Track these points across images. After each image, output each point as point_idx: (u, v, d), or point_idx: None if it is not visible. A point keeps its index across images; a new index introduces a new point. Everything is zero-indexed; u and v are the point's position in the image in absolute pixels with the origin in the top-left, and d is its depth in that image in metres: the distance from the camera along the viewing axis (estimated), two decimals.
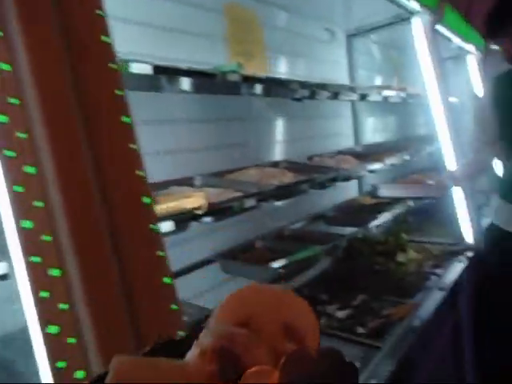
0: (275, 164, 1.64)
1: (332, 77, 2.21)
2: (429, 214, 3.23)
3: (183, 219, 0.87)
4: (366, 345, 1.39)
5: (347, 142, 2.50)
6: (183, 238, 1.47)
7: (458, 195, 2.24)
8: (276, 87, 1.27)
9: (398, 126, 3.26)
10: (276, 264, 1.35)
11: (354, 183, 2.53)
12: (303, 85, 1.35)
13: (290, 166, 1.53)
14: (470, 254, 2.08)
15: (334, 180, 1.47)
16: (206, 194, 0.94)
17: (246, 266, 1.37)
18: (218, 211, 0.98)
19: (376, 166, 1.78)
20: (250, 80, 1.11)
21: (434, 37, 2.10)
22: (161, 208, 0.88)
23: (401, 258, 2.14)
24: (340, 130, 2.45)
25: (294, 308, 0.41)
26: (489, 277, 1.78)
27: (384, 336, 1.43)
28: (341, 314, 1.69)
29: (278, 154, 1.91)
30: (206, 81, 0.97)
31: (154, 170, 1.41)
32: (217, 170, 1.46)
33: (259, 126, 1.80)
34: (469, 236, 2.19)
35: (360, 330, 1.55)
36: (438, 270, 1.98)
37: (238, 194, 1.10)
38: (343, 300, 1.79)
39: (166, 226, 0.81)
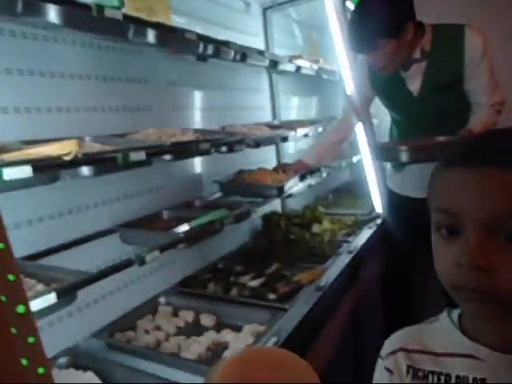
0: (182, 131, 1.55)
1: None
2: (348, 189, 3.38)
3: (46, 166, 0.75)
4: (274, 308, 1.38)
5: (266, 117, 2.48)
6: (85, 205, 1.34)
7: (368, 168, 2.33)
8: (169, 36, 1.17)
9: (320, 106, 3.33)
10: (178, 229, 1.27)
11: (271, 156, 2.51)
12: (202, 37, 1.27)
13: (197, 131, 1.45)
14: (378, 221, 2.17)
15: (241, 143, 1.42)
16: (81, 143, 0.83)
17: (145, 234, 1.27)
18: (96, 161, 0.88)
19: (288, 133, 1.77)
20: (136, 22, 1.00)
21: (344, 14, 2.13)
22: (18, 154, 0.75)
23: (316, 228, 2.18)
24: (258, 104, 2.42)
25: (295, 370, 0.43)
26: (391, 237, 1.88)
27: (292, 299, 1.43)
28: (254, 283, 1.67)
29: (189, 122, 1.82)
30: (79, 13, 0.86)
31: (45, 127, 1.27)
32: (114, 133, 1.34)
33: (167, 91, 1.69)
34: (379, 205, 2.29)
35: (271, 296, 1.54)
36: (349, 238, 2.05)
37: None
38: (257, 270, 1.77)
39: (22, 172, 0.69)
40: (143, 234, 1.28)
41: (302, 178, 1.99)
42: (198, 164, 1.93)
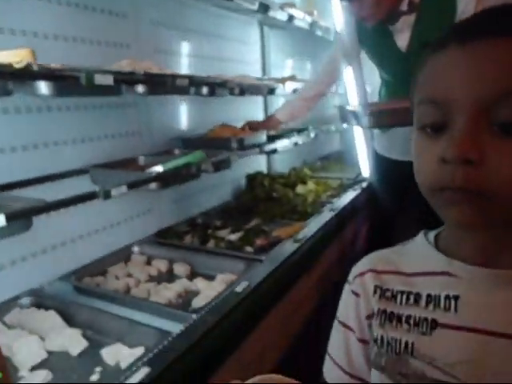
0: None
1: None
2: (337, 157, 3.33)
3: None
4: (250, 259, 1.34)
5: (255, 73, 2.38)
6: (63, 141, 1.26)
7: (356, 132, 2.27)
8: None
9: (314, 69, 3.21)
10: (150, 169, 1.21)
11: (258, 113, 2.42)
12: None
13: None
14: (364, 184, 2.13)
15: (223, 86, 1.34)
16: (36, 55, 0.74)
17: (116, 173, 1.20)
18: (56, 78, 0.79)
19: (275, 85, 1.69)
20: None
21: None
22: None
23: (300, 189, 2.13)
24: (247, 58, 2.30)
25: None
26: (376, 201, 1.83)
27: (269, 251, 1.39)
28: (232, 236, 1.63)
29: (171, 68, 1.72)
30: None
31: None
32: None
33: (149, 30, 1.58)
34: (366, 169, 2.24)
35: (248, 249, 1.50)
36: (333, 200, 2.00)
37: None
38: (237, 224, 1.72)
39: None
40: (113, 173, 1.21)
41: (286, 136, 1.93)
42: (179, 114, 1.84)
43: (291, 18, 1.91)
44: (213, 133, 1.78)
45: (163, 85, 1.11)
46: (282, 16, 1.85)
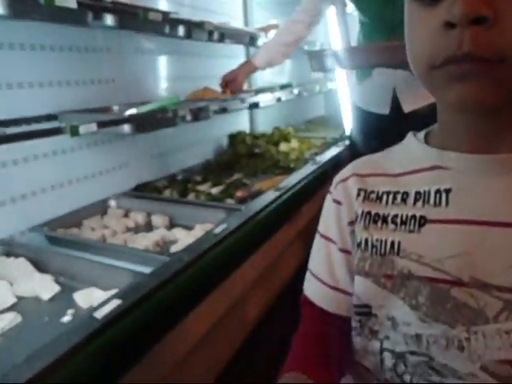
0: None
1: None
2: (321, 121, 3.29)
3: None
4: (229, 209, 1.30)
5: None
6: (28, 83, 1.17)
7: (340, 89, 2.22)
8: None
9: None
10: (124, 112, 1.14)
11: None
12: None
13: None
14: (347, 142, 2.10)
15: (201, 28, 1.25)
16: None
17: (87, 116, 1.13)
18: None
19: (258, 33, 1.61)
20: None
21: None
22: None
23: (283, 147, 2.09)
24: (229, 11, 2.20)
25: None
26: (357, 156, 1.80)
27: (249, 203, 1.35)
28: (214, 190, 1.59)
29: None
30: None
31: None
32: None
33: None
34: (349, 126, 2.21)
35: (229, 201, 1.46)
36: (317, 157, 1.97)
37: None
38: (218, 179, 1.68)
39: None
40: (84, 115, 1.14)
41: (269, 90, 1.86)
42: (156, 66, 1.76)
43: None
44: (194, 96, 1.69)
45: (134, 17, 1.03)
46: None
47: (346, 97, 2.21)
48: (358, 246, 0.47)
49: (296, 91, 2.13)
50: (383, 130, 1.59)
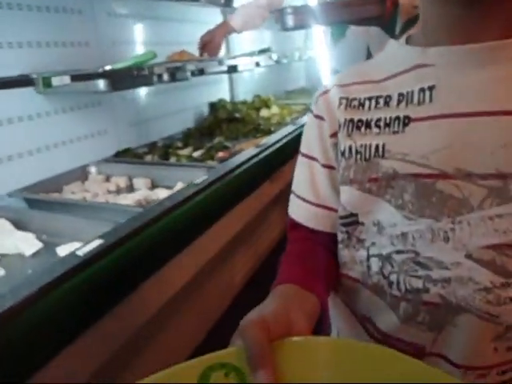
0: None
1: None
2: (302, 91, 3.28)
3: None
4: (212, 168, 1.31)
5: None
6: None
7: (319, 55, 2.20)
8: None
9: None
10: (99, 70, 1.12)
11: None
12: None
13: None
14: None
15: None
16: None
17: (63, 72, 1.11)
18: None
19: None
20: None
21: None
22: None
23: (264, 112, 2.09)
24: None
25: None
26: None
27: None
28: (195, 154, 1.59)
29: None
30: None
31: None
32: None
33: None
34: None
35: (210, 162, 1.46)
36: (297, 121, 1.98)
37: None
38: (199, 143, 1.67)
39: None
40: (58, 72, 1.11)
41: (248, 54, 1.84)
42: (131, 29, 1.72)
43: None
44: (171, 59, 1.67)
45: None
46: None
47: (324, 62, 2.21)
48: (342, 155, 0.48)
49: (275, 57, 2.12)
50: None
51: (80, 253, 0.66)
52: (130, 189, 1.36)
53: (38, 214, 1.08)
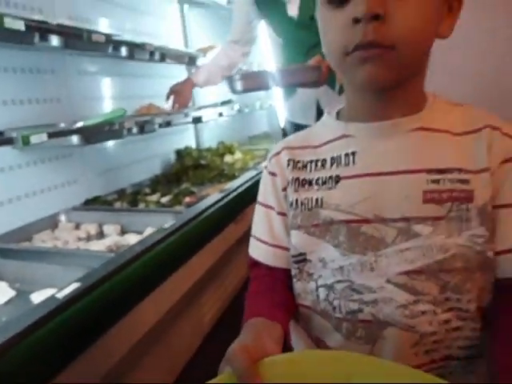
0: None
1: None
2: (264, 136, 3.48)
3: None
4: (179, 213, 1.39)
5: None
6: None
7: (277, 105, 2.40)
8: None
9: None
10: (72, 125, 1.22)
11: None
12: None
13: None
14: None
15: (141, 48, 1.37)
16: None
17: (38, 127, 1.19)
18: None
19: (197, 54, 1.75)
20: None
21: None
22: None
23: (228, 158, 2.22)
24: (168, 35, 2.33)
25: None
26: None
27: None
28: (163, 199, 1.67)
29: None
30: None
31: None
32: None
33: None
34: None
35: (177, 207, 1.55)
36: (259, 166, 2.12)
37: None
38: (167, 189, 1.77)
39: None
40: (33, 128, 1.19)
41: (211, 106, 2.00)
42: (100, 85, 1.84)
43: None
44: (140, 112, 1.79)
45: (79, 38, 1.12)
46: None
47: (281, 112, 2.40)
48: (291, 206, 0.60)
49: (237, 107, 2.29)
50: None
51: (59, 296, 0.72)
52: (100, 235, 1.42)
53: (10, 263, 1.12)
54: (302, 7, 1.62)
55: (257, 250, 0.65)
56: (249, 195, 1.59)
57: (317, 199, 0.57)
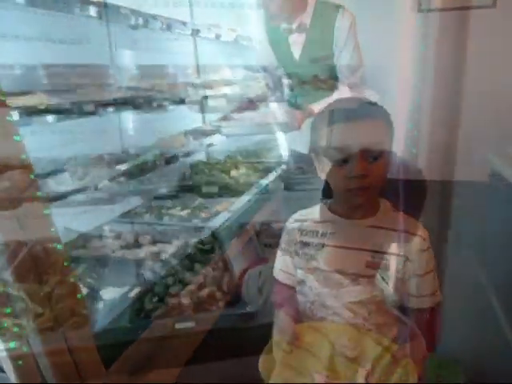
0: None
1: None
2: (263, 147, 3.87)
3: None
4: (197, 227, 1.83)
5: None
6: None
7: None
8: None
9: None
10: (120, 167, 1.65)
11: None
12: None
13: None
14: (283, 166, 2.71)
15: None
16: None
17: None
18: None
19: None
20: None
21: None
22: None
23: (234, 173, 2.65)
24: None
25: None
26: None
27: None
28: (183, 213, 2.11)
29: None
30: None
31: None
32: None
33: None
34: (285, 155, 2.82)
35: (195, 221, 2.00)
36: (260, 180, 2.55)
37: None
38: (184, 204, 2.21)
39: None
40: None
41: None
42: None
43: (218, 36, 2.38)
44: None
45: None
46: (210, 35, 2.31)
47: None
48: (297, 255, 1.04)
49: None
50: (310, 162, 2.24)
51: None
52: (137, 243, 1.86)
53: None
54: (304, 49, 1.94)
55: (279, 275, 1.12)
56: (248, 215, 2.04)
57: (311, 255, 1.02)
